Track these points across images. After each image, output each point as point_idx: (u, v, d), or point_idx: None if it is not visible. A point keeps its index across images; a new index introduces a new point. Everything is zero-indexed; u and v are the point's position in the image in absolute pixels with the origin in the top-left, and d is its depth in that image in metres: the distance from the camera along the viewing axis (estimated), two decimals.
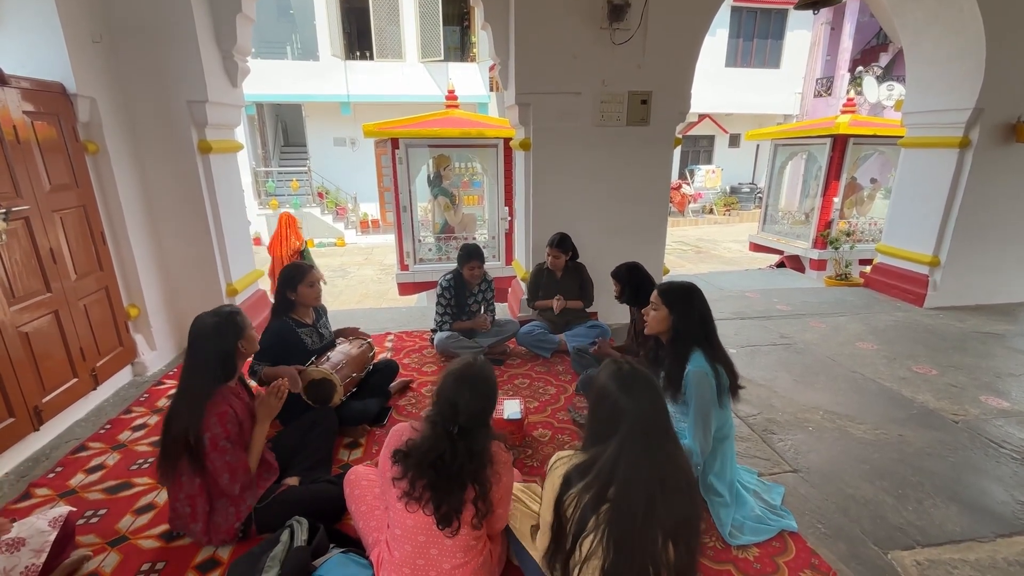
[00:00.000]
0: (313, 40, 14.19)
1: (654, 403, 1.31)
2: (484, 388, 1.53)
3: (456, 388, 1.48)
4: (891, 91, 12.02)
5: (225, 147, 3.69)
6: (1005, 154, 4.24)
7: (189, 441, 1.68)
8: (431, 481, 1.42)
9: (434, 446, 1.44)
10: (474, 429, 1.48)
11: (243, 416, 1.85)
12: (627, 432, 1.26)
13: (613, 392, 1.32)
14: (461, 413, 1.46)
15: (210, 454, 1.70)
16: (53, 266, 2.67)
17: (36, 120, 2.62)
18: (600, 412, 1.36)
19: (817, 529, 1.99)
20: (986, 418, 2.80)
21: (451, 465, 1.42)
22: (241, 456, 1.78)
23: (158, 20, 3.15)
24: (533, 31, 3.49)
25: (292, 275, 2.61)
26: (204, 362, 1.78)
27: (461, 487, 1.43)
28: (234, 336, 1.83)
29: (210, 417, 1.71)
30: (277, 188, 15.04)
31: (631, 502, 1.20)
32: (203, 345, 1.78)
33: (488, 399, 1.54)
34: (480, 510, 1.45)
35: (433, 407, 1.52)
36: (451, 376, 1.52)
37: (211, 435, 1.70)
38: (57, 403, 2.65)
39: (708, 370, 1.88)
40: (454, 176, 6.22)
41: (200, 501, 1.75)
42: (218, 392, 1.78)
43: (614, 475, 1.23)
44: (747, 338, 3.92)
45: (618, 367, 1.38)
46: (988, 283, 4.65)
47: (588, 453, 1.32)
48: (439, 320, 3.45)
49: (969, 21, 3.96)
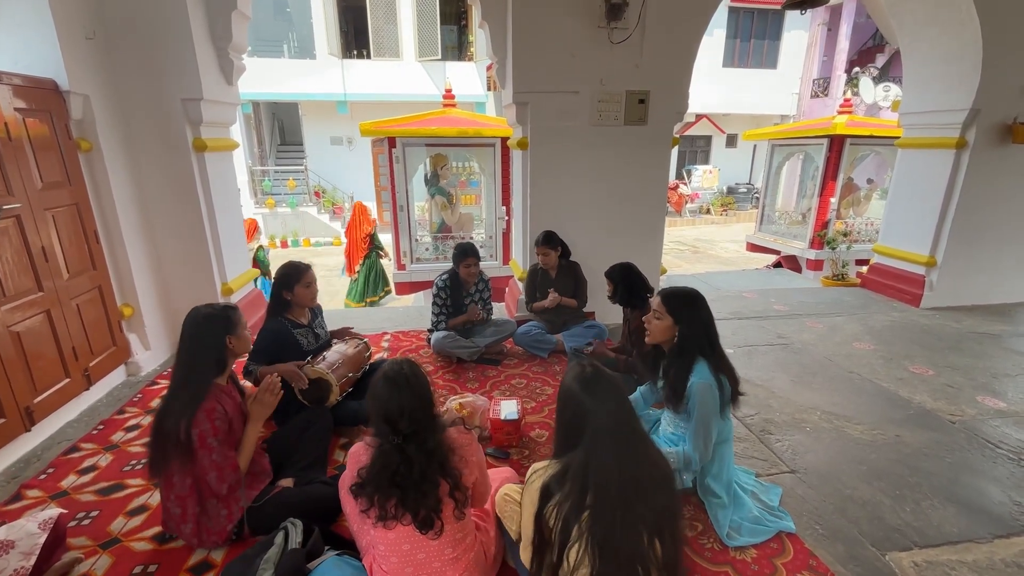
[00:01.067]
0: (310, 38, 14.14)
1: (619, 402, 1.29)
2: (411, 386, 1.45)
3: (384, 397, 1.43)
4: (887, 92, 12.07)
5: (220, 145, 3.66)
6: (1001, 155, 4.25)
7: (179, 436, 1.66)
8: (399, 497, 1.38)
9: (385, 464, 1.38)
10: (419, 429, 1.42)
11: (233, 415, 1.82)
12: (593, 434, 1.25)
13: (576, 394, 1.30)
14: (398, 419, 1.41)
15: (198, 451, 1.68)
16: (45, 265, 2.64)
17: (28, 117, 2.58)
18: (566, 415, 1.34)
19: (815, 530, 1.98)
20: (983, 418, 2.81)
21: (410, 474, 1.37)
22: (229, 455, 1.75)
23: (152, 16, 3.12)
24: (531, 30, 3.48)
25: (288, 275, 2.57)
26: (195, 353, 1.77)
27: (432, 487, 1.39)
28: (223, 329, 1.81)
29: (199, 413, 1.69)
30: (274, 187, 14.99)
31: (608, 505, 1.19)
32: (193, 335, 1.78)
33: (420, 396, 1.46)
34: (458, 500, 1.43)
35: (373, 426, 1.47)
36: (375, 388, 1.46)
37: (199, 431, 1.68)
38: (49, 403, 2.62)
39: (713, 382, 1.85)
40: (451, 175, 6.21)
41: (190, 502, 1.73)
42: (209, 389, 1.77)
43: (587, 480, 1.21)
44: (744, 338, 3.92)
45: (581, 369, 1.36)
46: (984, 283, 4.66)
47: (561, 461, 1.29)
48: (435, 320, 3.44)
49: (966, 22, 3.97)
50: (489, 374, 3.29)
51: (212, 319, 1.80)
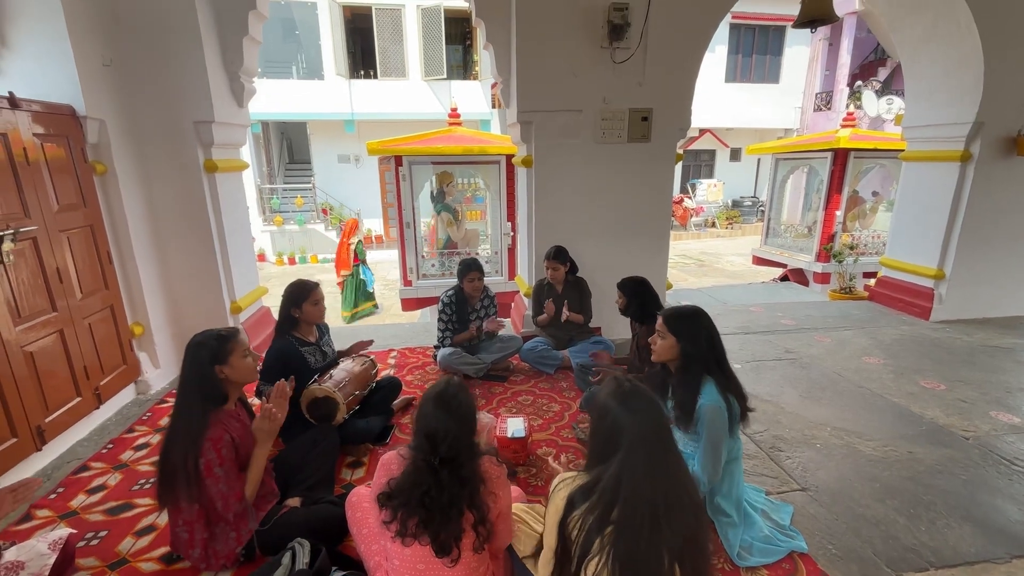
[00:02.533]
0: (318, 60, 14.44)
1: (655, 420, 1.29)
2: (460, 411, 1.46)
3: (431, 416, 1.43)
4: (891, 105, 12.11)
5: (230, 166, 3.73)
6: (1007, 167, 4.25)
7: (186, 466, 1.65)
8: (422, 518, 1.37)
9: (417, 482, 1.38)
10: (458, 455, 1.42)
11: (241, 440, 1.81)
12: (628, 450, 1.25)
13: (613, 409, 1.31)
14: (440, 442, 1.41)
15: (204, 480, 1.66)
16: (59, 285, 2.69)
17: (46, 142, 2.66)
18: (601, 430, 1.34)
19: (827, 550, 1.95)
20: (997, 434, 2.76)
21: (440, 498, 1.37)
22: (235, 483, 1.73)
23: (167, 43, 3.22)
24: (534, 51, 3.55)
25: (297, 293, 2.60)
26: (187, 384, 1.76)
27: (458, 515, 1.39)
28: (211, 360, 1.75)
29: (205, 443, 1.68)
30: (282, 205, 15.18)
31: (635, 522, 1.18)
32: (186, 364, 1.77)
33: (466, 421, 1.47)
34: (481, 534, 1.42)
35: (413, 439, 1.48)
36: (425, 405, 1.46)
37: (205, 460, 1.66)
38: (60, 423, 2.65)
39: (722, 404, 1.83)
40: (457, 192, 6.28)
41: (198, 527, 1.73)
42: (214, 416, 1.74)
43: (617, 495, 1.21)
44: (752, 353, 3.90)
45: (618, 384, 1.36)
46: (995, 296, 4.62)
47: (591, 473, 1.30)
48: (441, 336, 3.45)
49: (966, 36, 4.00)
50: (496, 391, 3.29)
51: (200, 349, 1.75)
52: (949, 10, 4.01)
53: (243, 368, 1.84)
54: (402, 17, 14.05)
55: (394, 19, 14.07)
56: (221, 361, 1.78)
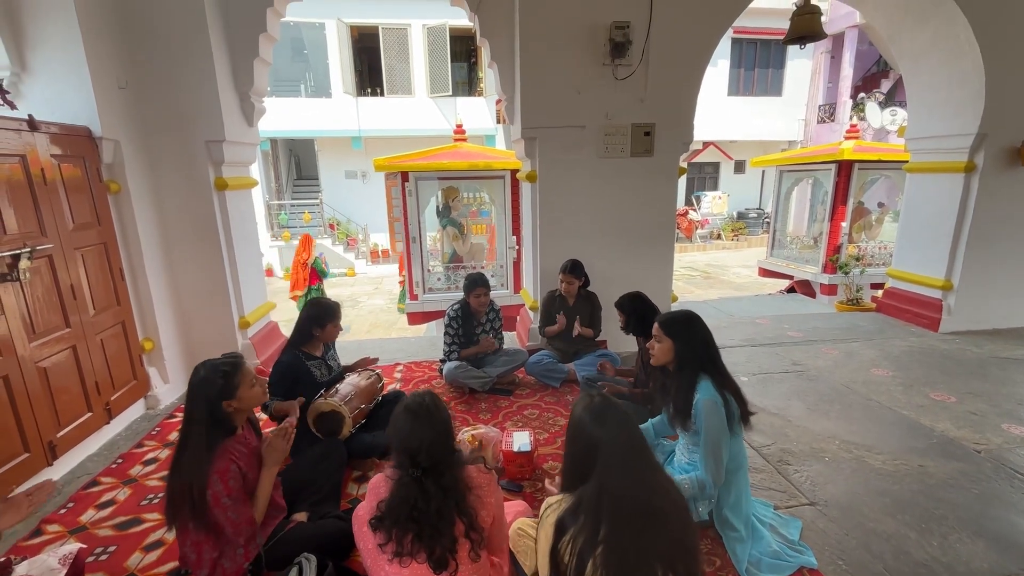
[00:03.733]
0: (326, 78, 14.71)
1: (628, 431, 1.30)
2: (431, 419, 1.45)
3: (405, 429, 1.44)
4: (894, 116, 12.13)
5: (240, 184, 3.81)
6: (1011, 178, 4.24)
7: (192, 498, 1.63)
8: (415, 532, 1.37)
9: (404, 497, 1.39)
10: (438, 464, 1.42)
11: (248, 466, 1.80)
12: (604, 465, 1.25)
13: (587, 425, 1.31)
14: (417, 452, 1.41)
15: (212, 510, 1.65)
16: (73, 302, 2.75)
17: (63, 162, 2.74)
18: (577, 447, 1.35)
19: (838, 566, 1.92)
20: (1009, 447, 2.72)
21: (427, 509, 1.37)
22: (243, 511, 1.73)
23: (180, 66, 3.31)
24: (537, 68, 3.61)
25: (324, 313, 2.66)
26: (194, 419, 1.72)
27: (448, 525, 1.39)
28: (218, 396, 1.72)
29: (212, 475, 1.66)
30: (290, 220, 15.35)
31: (622, 536, 1.18)
32: (192, 395, 1.73)
33: (439, 429, 1.46)
34: (474, 540, 1.41)
35: (393, 458, 1.48)
36: (396, 421, 1.47)
37: (212, 492, 1.65)
38: (71, 438, 2.68)
39: (717, 398, 1.87)
40: (462, 206, 6.34)
41: (206, 547, 1.71)
42: (221, 448, 1.72)
43: (601, 511, 1.21)
44: (759, 365, 3.88)
45: (590, 399, 1.37)
46: (1004, 307, 4.57)
47: (574, 494, 1.29)
48: (447, 350, 3.47)
49: (966, 48, 4.03)
50: (501, 404, 3.29)
51: (207, 385, 1.72)
52: (949, 24, 4.04)
53: (251, 398, 1.83)
54: (408, 36, 14.32)
55: (400, 38, 14.35)
56: (229, 396, 1.75)
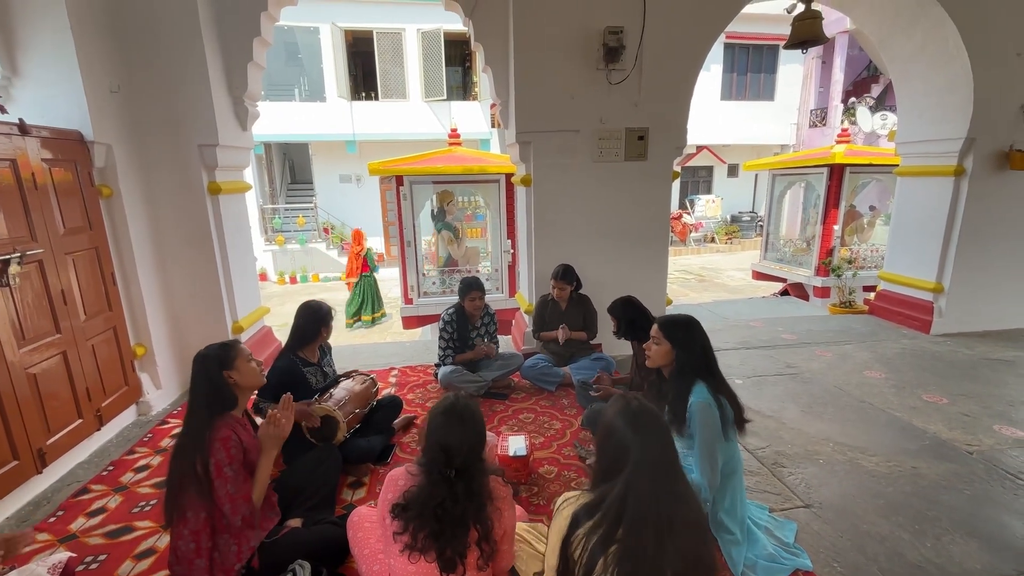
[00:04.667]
0: (320, 82, 14.70)
1: (662, 440, 1.30)
2: (473, 424, 1.49)
3: (445, 429, 1.45)
4: (884, 121, 12.26)
5: (234, 188, 3.79)
6: (1000, 181, 4.30)
7: (196, 470, 1.68)
8: (433, 530, 1.38)
9: (433, 493, 1.40)
10: (470, 468, 1.45)
11: (248, 444, 1.86)
12: (634, 469, 1.25)
13: (620, 428, 1.31)
14: (455, 455, 1.43)
15: (214, 481, 1.70)
16: (63, 307, 2.72)
17: (54, 167, 2.72)
18: (607, 449, 1.34)
19: (833, 568, 1.93)
20: (1001, 448, 2.75)
21: (453, 510, 1.39)
22: (243, 486, 1.76)
23: (173, 69, 3.30)
24: (532, 73, 3.63)
25: (324, 314, 2.72)
26: (197, 392, 1.82)
27: (464, 530, 1.41)
28: (219, 365, 1.85)
29: (215, 443, 1.72)
30: (284, 224, 15.30)
31: (640, 542, 1.18)
32: (195, 376, 1.84)
33: (479, 435, 1.50)
34: (484, 551, 1.42)
35: (424, 453, 1.49)
36: (437, 417, 1.48)
37: (215, 460, 1.70)
38: (61, 445, 2.65)
39: (711, 401, 1.88)
40: (457, 210, 6.34)
41: (204, 536, 1.72)
42: (221, 420, 1.80)
43: (622, 514, 1.21)
44: (753, 368, 3.89)
45: (626, 403, 1.37)
46: (994, 309, 4.62)
47: (596, 492, 1.30)
48: (442, 355, 3.46)
49: (955, 54, 4.09)
50: (496, 408, 3.28)
51: (207, 359, 1.86)
52: (937, 30, 4.10)
53: (250, 372, 1.92)
54: (403, 40, 14.34)
55: (395, 42, 14.37)
56: (228, 366, 1.86)
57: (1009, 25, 4.01)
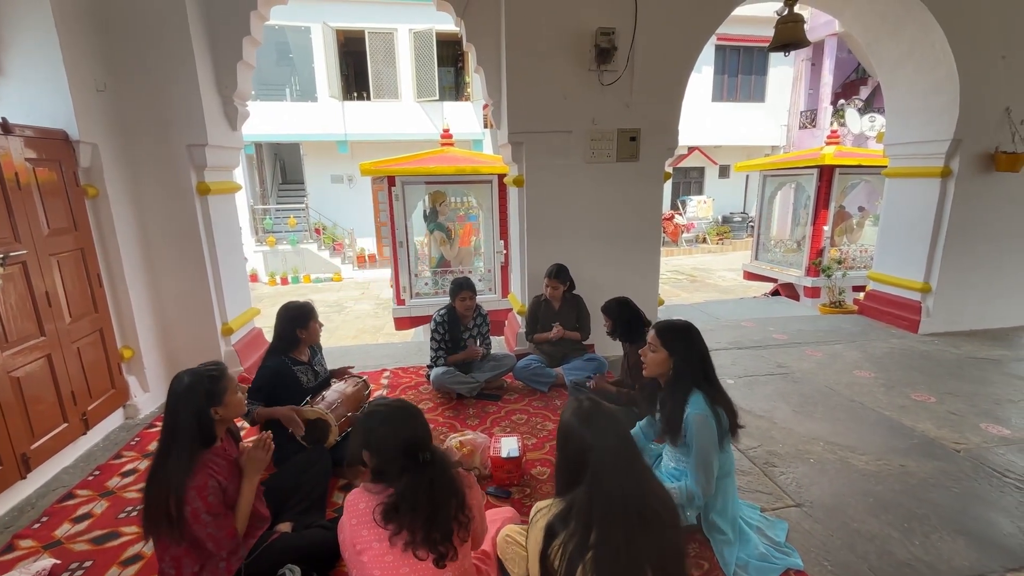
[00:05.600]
0: (312, 82, 14.62)
1: (619, 436, 1.30)
2: (416, 413, 1.51)
3: (400, 428, 1.45)
4: (873, 122, 12.41)
5: (223, 188, 3.75)
6: (986, 182, 4.35)
7: (170, 514, 1.57)
8: (428, 516, 1.37)
9: (419, 483, 1.39)
10: (436, 458, 1.46)
11: (228, 478, 1.76)
12: (596, 468, 1.25)
13: (576, 430, 1.31)
14: (421, 443, 1.44)
15: (191, 526, 1.60)
16: (48, 309, 2.67)
17: (38, 166, 2.67)
18: (567, 452, 1.34)
19: (823, 567, 1.94)
20: (987, 446, 2.78)
21: (439, 491, 1.40)
22: (224, 525, 1.68)
23: (161, 68, 3.26)
24: (524, 74, 3.62)
25: (303, 313, 2.64)
26: (175, 423, 1.67)
27: (447, 509, 1.41)
28: (207, 400, 1.70)
29: (190, 491, 1.59)
30: (275, 225, 15.18)
31: (613, 542, 1.18)
32: (175, 404, 1.68)
33: (424, 423, 1.51)
34: (462, 521, 1.42)
35: (386, 463, 1.44)
36: (383, 427, 1.46)
37: (191, 508, 1.59)
38: (45, 449, 2.60)
39: (709, 413, 1.85)
40: (450, 211, 6.32)
41: (187, 561, 1.66)
42: (200, 460, 1.67)
43: (591, 516, 1.21)
44: (744, 368, 3.91)
45: (578, 404, 1.37)
46: (980, 308, 4.68)
47: (565, 499, 1.29)
48: (434, 355, 3.44)
49: (941, 57, 4.14)
50: (489, 410, 3.27)
51: (193, 391, 1.68)
52: (924, 34, 4.15)
53: (236, 405, 1.81)
54: (395, 40, 14.30)
55: (387, 42, 14.32)
56: (217, 402, 1.72)
57: (994, 28, 4.07)
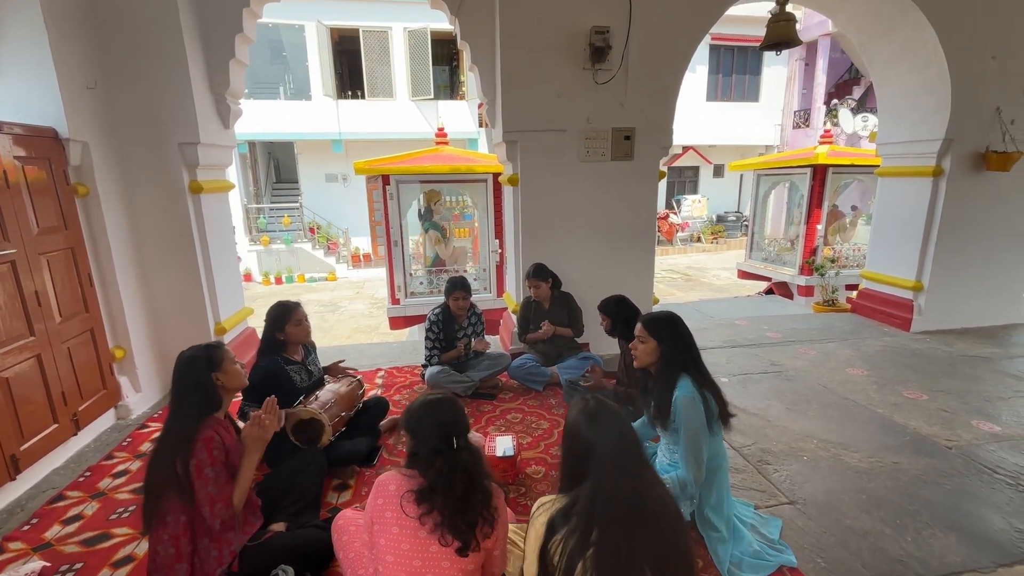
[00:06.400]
0: (306, 81, 14.53)
1: (623, 434, 1.31)
2: (453, 403, 1.58)
3: (436, 411, 1.52)
4: (866, 122, 12.48)
5: (216, 187, 3.72)
6: (977, 181, 4.39)
7: (177, 471, 1.65)
8: (460, 498, 1.42)
9: (453, 465, 1.44)
10: (468, 444, 1.52)
11: (231, 446, 1.83)
12: (599, 467, 1.26)
13: (582, 428, 1.32)
14: (456, 428, 1.50)
15: (195, 482, 1.67)
16: (38, 309, 2.64)
17: (27, 164, 2.64)
18: (572, 451, 1.35)
19: (817, 564, 1.95)
20: (979, 443, 2.80)
21: (471, 477, 1.45)
22: (224, 488, 1.73)
23: (152, 65, 3.23)
24: (518, 72, 3.62)
25: (279, 315, 2.59)
26: (182, 395, 1.80)
27: (474, 499, 1.45)
28: (207, 367, 1.84)
29: (197, 443, 1.69)
30: (269, 224, 15.10)
31: (613, 541, 1.18)
32: (180, 378, 1.82)
33: (462, 410, 1.58)
34: (486, 517, 1.46)
35: (421, 444, 1.50)
36: (421, 408, 1.55)
37: (196, 461, 1.68)
38: (35, 450, 2.57)
39: (696, 395, 1.90)
40: (444, 210, 6.30)
41: (184, 540, 1.68)
42: (205, 422, 1.77)
43: (594, 514, 1.21)
44: (738, 366, 3.93)
45: (584, 403, 1.38)
46: (971, 306, 4.73)
47: (568, 495, 1.29)
48: (428, 355, 3.43)
49: (933, 58, 4.17)
50: (484, 409, 3.27)
51: (195, 360, 1.84)
52: (917, 34, 4.18)
53: (235, 373, 1.92)
54: (389, 39, 14.25)
55: (381, 41, 14.26)
56: (216, 368, 1.86)
57: (985, 29, 4.10)
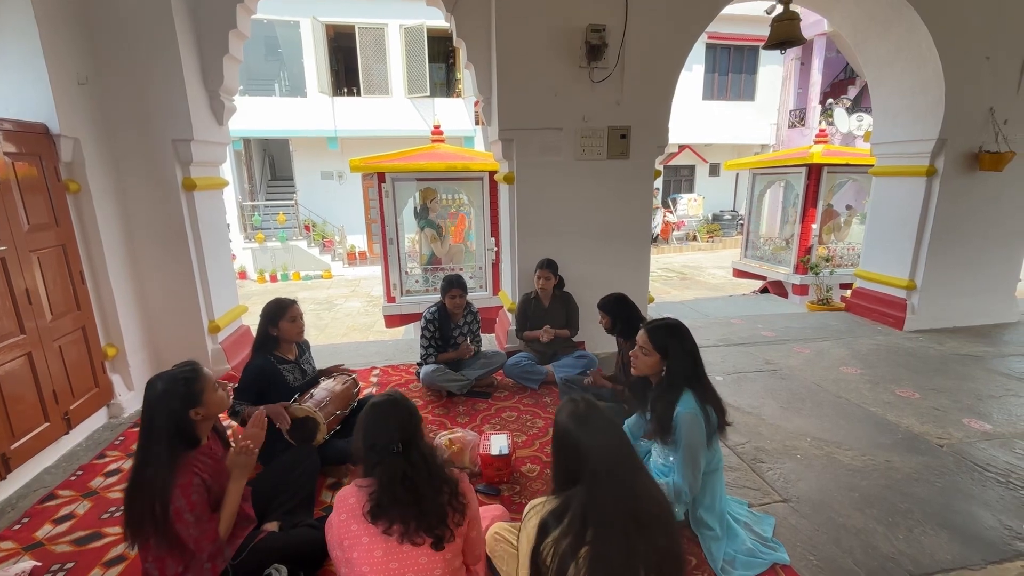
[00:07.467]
0: (301, 77, 14.45)
1: (616, 436, 1.31)
2: (395, 409, 1.51)
3: (374, 418, 1.48)
4: (860, 122, 12.55)
5: (210, 184, 3.70)
6: (970, 181, 4.42)
7: (154, 514, 1.54)
8: (412, 500, 1.39)
9: (392, 476, 1.40)
10: (412, 438, 1.47)
11: (213, 479, 1.71)
12: (593, 470, 1.25)
13: (573, 431, 1.32)
14: (392, 435, 1.45)
15: (175, 525, 1.57)
16: (28, 307, 2.62)
17: (17, 161, 2.61)
18: (564, 453, 1.35)
19: (809, 561, 1.96)
20: (970, 441, 2.83)
21: (418, 477, 1.41)
22: (207, 527, 1.64)
23: (145, 61, 3.20)
24: (514, 70, 3.61)
25: (274, 311, 2.57)
26: (156, 429, 1.62)
27: (437, 493, 1.43)
28: (184, 403, 1.65)
29: (175, 490, 1.57)
30: (263, 222, 15.02)
31: (608, 542, 1.18)
32: (151, 413, 1.64)
33: (409, 411, 1.52)
34: (456, 506, 1.44)
35: (365, 457, 1.46)
36: (365, 416, 1.50)
37: (175, 507, 1.57)
38: (26, 449, 2.55)
39: (699, 412, 1.86)
40: (440, 208, 6.29)
41: (170, 562, 1.63)
42: (184, 460, 1.64)
43: (588, 516, 1.21)
44: (733, 365, 3.94)
45: (574, 405, 1.38)
46: (964, 306, 4.76)
47: (560, 497, 1.29)
48: (424, 353, 3.43)
49: (927, 58, 4.19)
50: (479, 407, 3.26)
51: (169, 398, 1.64)
52: (911, 35, 4.19)
53: (217, 402, 1.76)
54: (385, 36, 14.18)
55: (377, 38, 14.20)
56: (195, 403, 1.68)
57: (979, 29, 4.12)
